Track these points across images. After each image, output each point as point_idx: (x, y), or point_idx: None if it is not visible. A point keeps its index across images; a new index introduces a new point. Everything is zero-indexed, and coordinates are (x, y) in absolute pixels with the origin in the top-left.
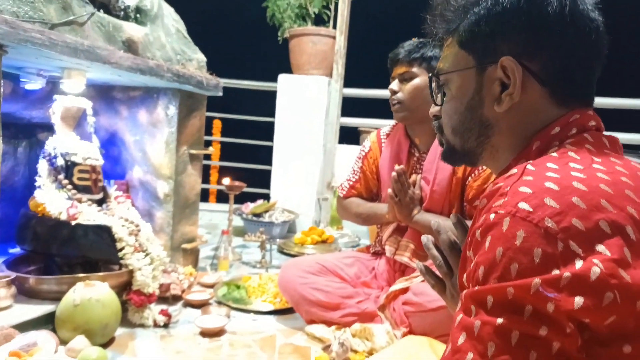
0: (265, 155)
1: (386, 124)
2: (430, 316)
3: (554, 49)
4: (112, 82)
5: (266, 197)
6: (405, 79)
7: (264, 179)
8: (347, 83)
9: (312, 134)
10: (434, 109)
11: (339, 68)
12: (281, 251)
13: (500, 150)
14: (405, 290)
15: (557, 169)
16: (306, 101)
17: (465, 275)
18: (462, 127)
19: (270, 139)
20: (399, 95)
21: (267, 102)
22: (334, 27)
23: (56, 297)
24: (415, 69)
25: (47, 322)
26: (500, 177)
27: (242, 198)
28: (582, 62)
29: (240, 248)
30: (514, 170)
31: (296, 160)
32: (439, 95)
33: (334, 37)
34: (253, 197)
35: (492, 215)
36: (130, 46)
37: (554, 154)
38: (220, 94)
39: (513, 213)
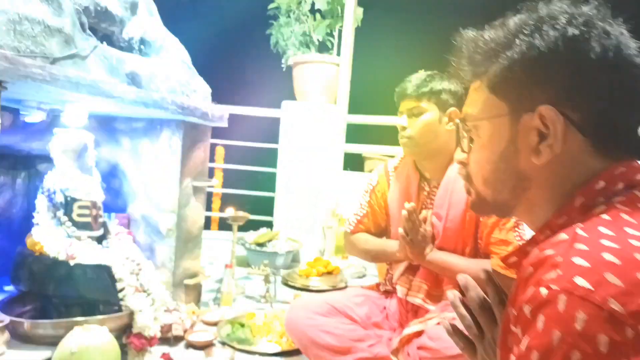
0: (269, 182)
1: (390, 151)
2: None
3: (596, 96)
4: (114, 114)
5: (269, 224)
6: (414, 114)
7: (267, 206)
8: (351, 110)
9: (315, 160)
10: (460, 156)
11: (343, 95)
12: (285, 283)
13: (538, 204)
14: (419, 334)
15: (613, 237)
16: (310, 128)
17: (513, 358)
18: (495, 178)
19: (274, 165)
20: (409, 131)
21: (270, 129)
22: (338, 54)
23: (52, 342)
24: (424, 104)
25: None
26: (546, 241)
27: (245, 226)
28: (626, 110)
29: (243, 280)
30: (563, 236)
31: (300, 187)
32: (466, 142)
33: (338, 65)
34: (256, 225)
35: (543, 290)
36: (134, 79)
37: (606, 216)
38: (225, 124)
39: (570, 290)
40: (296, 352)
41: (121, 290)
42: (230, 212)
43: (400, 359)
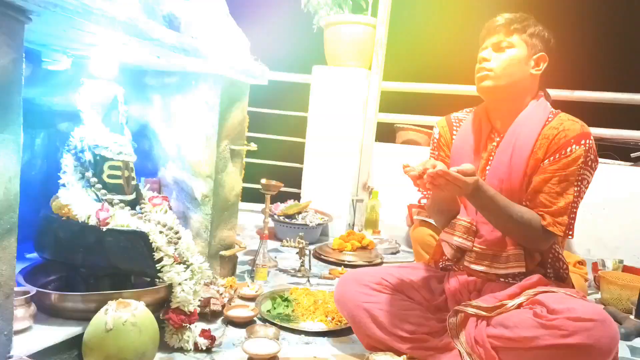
0: (297, 153)
1: (426, 121)
2: (529, 355)
3: None
4: (145, 66)
5: (297, 197)
6: (500, 47)
7: (294, 178)
8: (385, 76)
9: (347, 130)
10: None
11: (378, 60)
12: (318, 257)
13: None
14: (485, 318)
15: None
16: (342, 95)
17: None
18: None
19: (303, 135)
20: (491, 64)
21: (300, 96)
22: (373, 15)
23: (82, 317)
24: (514, 39)
25: (71, 347)
26: None
27: (271, 198)
28: None
29: (274, 253)
30: None
31: (330, 158)
32: None
33: (373, 27)
34: (283, 197)
35: None
36: (171, 22)
37: None
38: (266, 82)
39: None
40: (342, 331)
41: (159, 260)
42: (263, 180)
43: (462, 343)
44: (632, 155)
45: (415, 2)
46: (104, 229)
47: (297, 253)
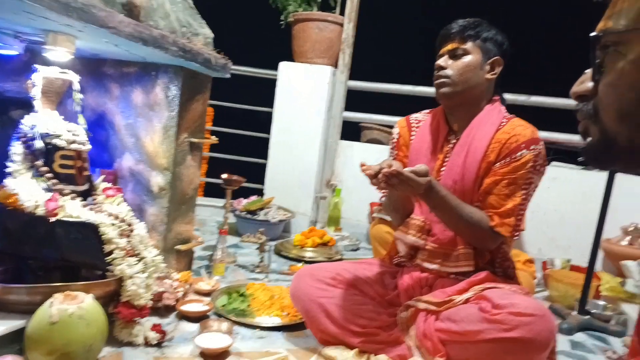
0: (261, 148)
1: (391, 121)
2: (473, 348)
3: None
4: (103, 55)
5: (259, 192)
6: (455, 55)
7: (258, 174)
8: (352, 75)
9: (312, 127)
10: (581, 87)
11: (345, 58)
12: (279, 253)
13: None
14: (434, 313)
15: None
16: (308, 92)
17: None
18: None
19: (267, 130)
20: (447, 71)
21: (265, 91)
22: (341, 13)
23: (27, 310)
24: (468, 46)
25: (13, 341)
26: None
27: (233, 193)
28: None
29: (233, 248)
30: None
31: (294, 154)
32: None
33: (341, 24)
34: (246, 193)
35: None
36: (131, 11)
37: None
38: (229, 75)
39: None
40: (297, 326)
41: (110, 253)
42: (224, 175)
43: (412, 337)
44: (579, 159)
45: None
46: (53, 219)
47: (257, 249)
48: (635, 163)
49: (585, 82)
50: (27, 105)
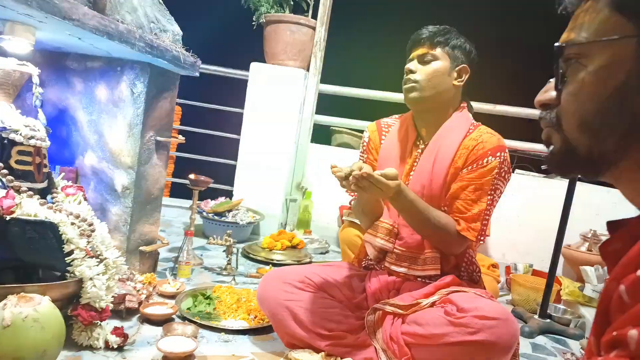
0: (231, 149)
1: (362, 126)
2: (438, 351)
3: None
4: (66, 48)
5: (228, 194)
6: (425, 60)
7: (227, 175)
8: (323, 79)
9: (283, 129)
10: (545, 96)
11: (317, 61)
12: (247, 256)
13: None
14: (401, 316)
15: None
16: (279, 94)
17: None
18: (600, 121)
19: (237, 131)
20: (416, 75)
21: (236, 92)
22: (313, 17)
23: None
24: (437, 52)
25: None
26: None
27: (201, 194)
28: None
29: (200, 250)
30: None
31: (264, 156)
32: (560, 76)
33: (313, 28)
34: (215, 194)
35: None
36: (96, 3)
37: None
38: (197, 74)
39: None
40: (264, 329)
41: (69, 253)
42: (191, 176)
43: (378, 340)
44: (542, 167)
45: (357, 7)
46: (8, 218)
47: (224, 251)
48: (594, 171)
49: (549, 91)
50: None
